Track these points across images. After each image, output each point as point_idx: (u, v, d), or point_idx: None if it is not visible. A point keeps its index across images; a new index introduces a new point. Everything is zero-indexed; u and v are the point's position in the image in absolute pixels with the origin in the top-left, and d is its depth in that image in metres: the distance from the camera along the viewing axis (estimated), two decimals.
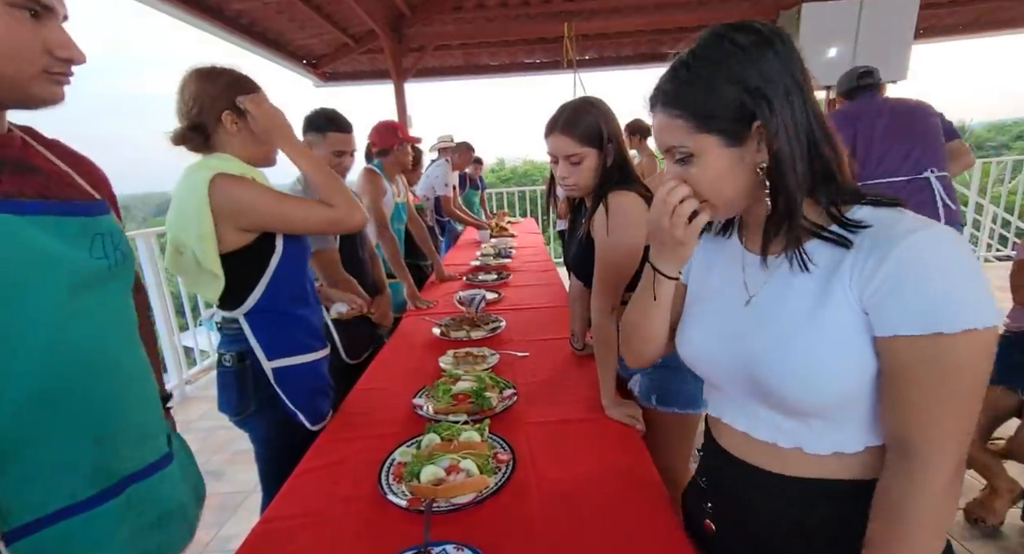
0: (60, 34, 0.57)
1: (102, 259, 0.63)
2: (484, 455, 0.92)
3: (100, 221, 0.65)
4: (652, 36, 5.09)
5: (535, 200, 6.83)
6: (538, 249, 3.37)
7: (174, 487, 0.74)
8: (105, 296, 0.64)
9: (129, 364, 0.67)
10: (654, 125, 0.63)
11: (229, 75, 1.08)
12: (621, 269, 1.12)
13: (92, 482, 0.61)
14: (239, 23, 3.83)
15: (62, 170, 0.66)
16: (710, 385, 0.72)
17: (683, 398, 1.18)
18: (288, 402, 1.16)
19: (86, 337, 0.60)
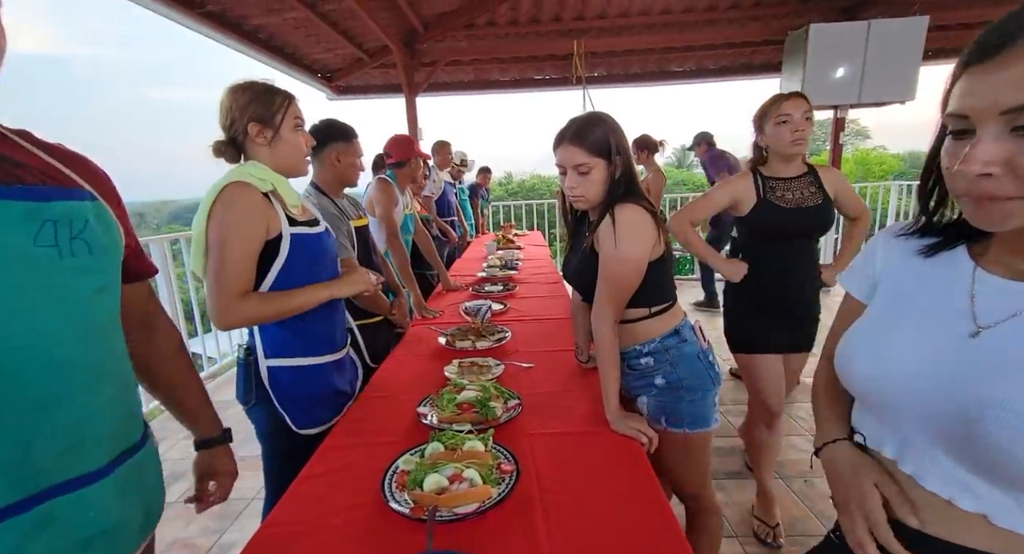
0: None
1: (50, 247, 0.58)
2: (488, 465, 0.92)
3: (54, 206, 0.59)
4: (660, 54, 5.16)
5: (542, 213, 6.88)
6: (544, 261, 3.39)
7: (106, 508, 0.64)
8: (51, 286, 0.58)
9: (82, 362, 0.61)
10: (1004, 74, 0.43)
11: (255, 88, 1.13)
12: (627, 281, 1.12)
13: (6, 488, 0.55)
14: (257, 38, 3.94)
15: (36, 159, 0.62)
16: (874, 414, 0.60)
17: (692, 417, 1.17)
18: (276, 402, 1.19)
19: (17, 331, 0.55)
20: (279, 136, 1.14)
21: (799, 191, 1.58)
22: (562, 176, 1.19)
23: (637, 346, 1.21)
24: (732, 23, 4.51)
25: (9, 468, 0.55)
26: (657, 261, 1.16)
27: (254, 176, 1.10)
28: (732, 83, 5.74)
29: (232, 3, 3.37)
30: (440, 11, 4.31)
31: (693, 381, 1.18)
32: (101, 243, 0.64)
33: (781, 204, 1.57)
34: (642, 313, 1.18)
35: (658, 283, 1.18)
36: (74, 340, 0.60)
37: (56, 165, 0.64)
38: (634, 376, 1.23)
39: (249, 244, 1.07)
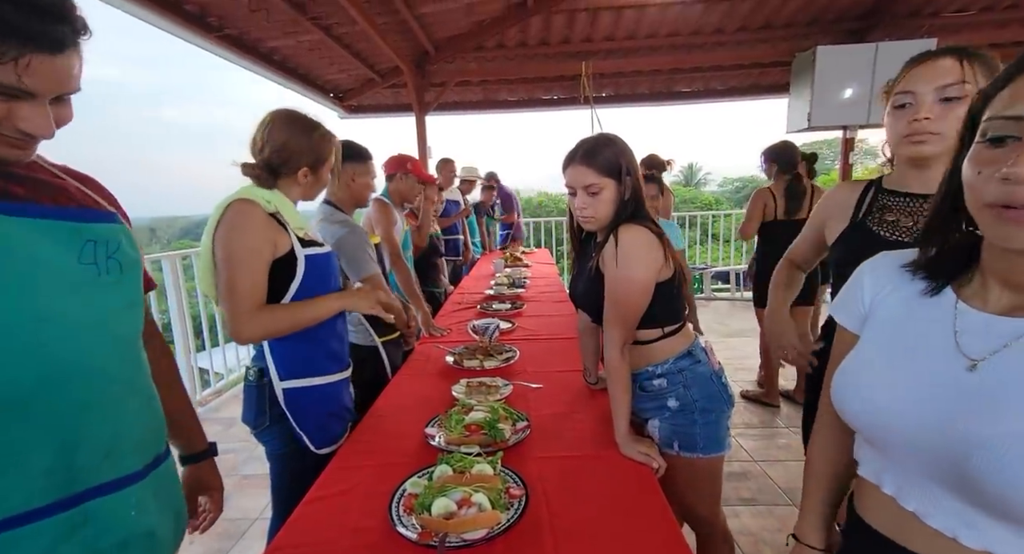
0: (29, 111, 0.54)
1: (90, 265, 0.62)
2: (497, 489, 0.90)
3: (94, 228, 0.64)
4: (668, 75, 5.23)
5: (549, 231, 6.90)
6: (552, 280, 3.38)
7: (144, 510, 0.68)
8: (92, 302, 0.62)
9: (116, 372, 0.65)
10: None
11: (314, 133, 1.18)
12: (632, 303, 1.11)
13: (48, 490, 0.58)
14: (272, 59, 4.05)
15: (62, 180, 0.66)
16: (872, 445, 0.59)
17: (706, 441, 1.15)
18: (294, 424, 1.17)
19: (60, 341, 0.58)
20: (319, 176, 1.22)
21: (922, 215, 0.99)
22: (571, 196, 1.20)
23: (650, 367, 1.19)
24: (740, 45, 4.58)
25: (54, 470, 0.59)
26: (666, 282, 1.15)
27: (260, 196, 1.12)
28: (740, 103, 5.80)
29: (249, 26, 3.47)
30: (451, 34, 4.41)
31: (707, 403, 1.16)
32: (130, 262, 0.69)
33: (881, 232, 1.01)
34: (655, 334, 1.17)
35: (669, 303, 1.17)
36: (109, 352, 0.65)
37: (84, 190, 0.68)
38: (646, 398, 1.21)
39: (257, 258, 1.08)
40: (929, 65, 0.90)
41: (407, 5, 3.55)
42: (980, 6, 4.10)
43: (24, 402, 0.56)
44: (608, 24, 4.35)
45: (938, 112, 0.89)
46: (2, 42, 0.49)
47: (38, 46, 0.51)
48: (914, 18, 4.16)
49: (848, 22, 4.34)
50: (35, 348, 0.57)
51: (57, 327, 0.59)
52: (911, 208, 0.99)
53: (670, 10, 4.15)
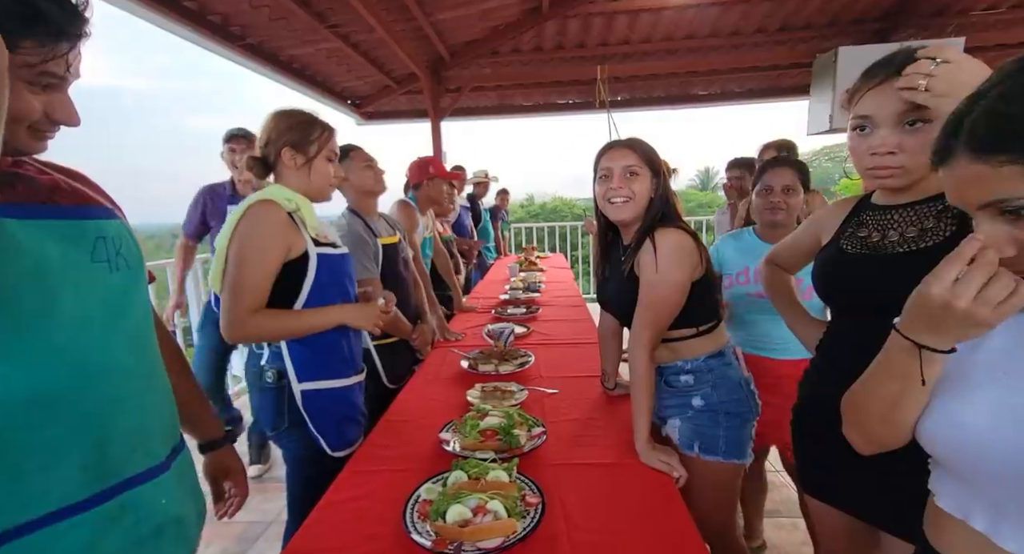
0: (62, 101, 0.59)
1: (103, 262, 0.63)
2: (512, 496, 0.89)
3: (102, 225, 0.65)
4: (684, 78, 5.19)
5: (564, 236, 6.87)
6: (567, 284, 3.36)
7: (172, 497, 0.71)
8: (108, 299, 0.63)
9: (133, 367, 0.67)
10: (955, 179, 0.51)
11: (297, 116, 1.21)
12: (669, 306, 1.10)
13: (85, 485, 0.59)
14: (292, 67, 4.13)
15: (62, 180, 0.66)
16: (957, 477, 0.55)
17: (728, 445, 1.11)
18: (311, 426, 1.18)
19: (83, 339, 0.60)
20: (311, 163, 1.20)
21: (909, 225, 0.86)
22: (603, 181, 1.18)
23: (679, 362, 1.17)
24: (758, 47, 4.52)
25: (90, 466, 0.60)
26: (701, 280, 1.14)
27: (279, 196, 1.15)
28: (759, 105, 5.71)
29: (269, 36, 3.54)
30: (466, 39, 4.44)
31: (733, 407, 1.13)
32: (136, 258, 0.70)
33: (847, 247, 0.93)
34: (688, 333, 1.16)
35: (704, 302, 1.16)
36: (128, 348, 0.66)
37: (76, 185, 0.68)
38: (670, 394, 1.19)
39: (267, 261, 1.09)
40: (888, 87, 0.77)
41: (424, 12, 3.58)
42: (1011, 3, 3.97)
43: (55, 401, 0.57)
44: (623, 27, 4.34)
45: (900, 141, 0.78)
46: (48, 37, 0.55)
47: (72, 39, 0.57)
48: (940, 16, 4.05)
49: (870, 22, 4.25)
50: (60, 348, 0.57)
51: (79, 326, 0.59)
52: (882, 221, 0.89)
53: (686, 13, 4.12)
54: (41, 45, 0.54)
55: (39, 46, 0.54)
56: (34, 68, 0.55)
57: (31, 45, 0.54)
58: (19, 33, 0.52)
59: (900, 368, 0.56)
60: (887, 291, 0.74)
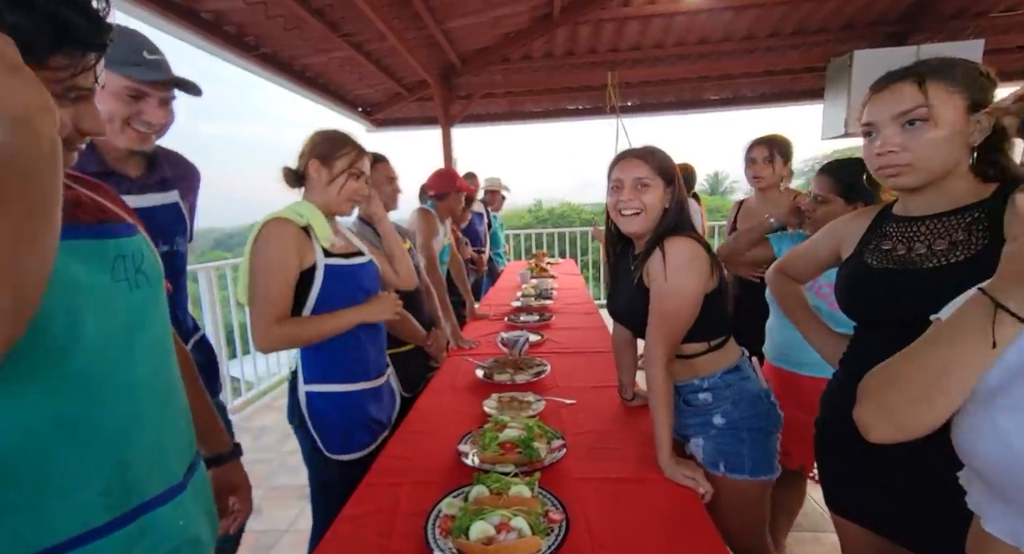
0: (89, 112, 0.59)
1: (123, 281, 0.63)
2: (536, 513, 0.87)
3: (122, 243, 0.65)
4: (696, 83, 5.17)
5: (574, 241, 6.85)
6: (579, 291, 3.33)
7: (189, 518, 0.70)
8: (128, 317, 0.63)
9: (153, 386, 0.66)
10: None
11: (333, 134, 1.29)
12: (680, 317, 1.07)
13: (105, 509, 0.59)
14: (304, 76, 4.17)
15: (85, 194, 0.66)
16: (1005, 499, 0.52)
17: (754, 462, 1.08)
18: (311, 426, 1.24)
19: (105, 360, 0.59)
20: (335, 178, 1.25)
21: (937, 238, 0.84)
22: (614, 192, 1.16)
23: (695, 380, 1.14)
24: (771, 51, 4.49)
25: (112, 490, 0.59)
26: (713, 293, 1.11)
27: (293, 211, 1.20)
28: (773, 110, 5.67)
29: (283, 45, 3.58)
30: (477, 47, 4.46)
31: (756, 422, 1.10)
32: (155, 273, 0.69)
33: (872, 261, 0.91)
34: (701, 347, 1.12)
35: (715, 316, 1.12)
36: (146, 366, 0.65)
37: (98, 199, 0.67)
38: (690, 413, 1.16)
39: (283, 274, 1.16)
40: (886, 93, 0.83)
41: (435, 20, 3.60)
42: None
43: (77, 425, 0.56)
44: (635, 33, 4.33)
45: (903, 140, 0.81)
46: (88, 52, 0.55)
47: (98, 51, 0.56)
48: (958, 19, 4.00)
49: (886, 25, 4.20)
50: (84, 371, 0.57)
51: (101, 348, 0.58)
52: (908, 233, 0.88)
53: (698, 18, 4.10)
54: (70, 59, 0.54)
55: (68, 60, 0.54)
56: (63, 82, 0.54)
57: (60, 60, 0.53)
58: (48, 49, 0.52)
59: (968, 330, 0.52)
60: (917, 307, 0.76)
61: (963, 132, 0.79)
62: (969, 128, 0.78)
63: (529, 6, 3.85)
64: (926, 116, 0.79)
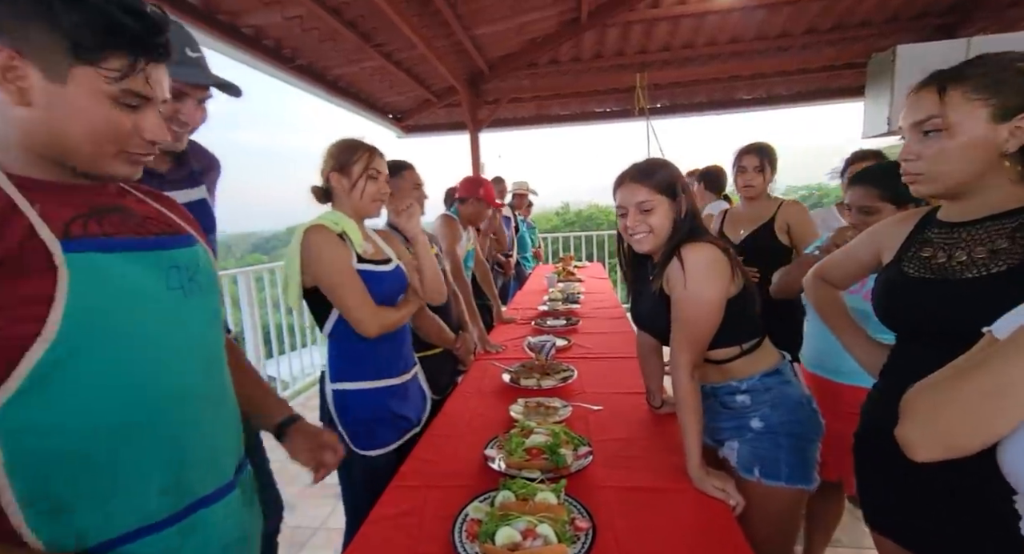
0: (153, 120, 0.61)
1: (177, 289, 0.66)
2: (562, 520, 0.86)
3: (176, 254, 0.68)
4: (727, 83, 5.05)
5: (601, 244, 6.79)
6: (606, 294, 3.30)
7: (239, 516, 0.73)
8: (183, 325, 0.66)
9: (206, 389, 0.69)
10: None
11: (342, 143, 1.31)
12: (703, 324, 1.05)
13: (162, 507, 0.62)
14: (337, 85, 4.31)
15: (146, 205, 0.70)
16: None
17: (792, 469, 1.04)
18: (338, 423, 1.28)
19: (163, 366, 0.62)
20: (355, 184, 1.29)
21: (978, 245, 0.80)
22: (621, 219, 1.16)
23: (733, 382, 1.11)
24: (807, 48, 4.34)
25: (169, 489, 0.63)
26: (736, 298, 1.08)
27: (327, 219, 1.25)
28: (809, 108, 5.48)
29: (318, 57, 3.71)
30: (504, 53, 4.50)
31: (796, 427, 1.07)
32: (209, 281, 0.73)
33: (909, 270, 0.88)
34: (733, 352, 1.10)
35: (743, 319, 1.10)
36: (199, 371, 0.68)
37: (167, 214, 0.73)
38: (725, 416, 1.13)
39: (349, 274, 1.23)
40: (910, 99, 0.83)
41: (463, 27, 3.66)
42: None
43: (139, 426, 0.60)
44: (664, 34, 4.27)
45: (920, 149, 0.81)
46: (138, 55, 0.57)
47: (152, 55, 0.59)
48: (1015, 7, 3.75)
49: (933, 17, 3.99)
50: (145, 375, 0.60)
51: (161, 353, 0.62)
52: (949, 240, 0.84)
53: (730, 17, 4.01)
54: (123, 60, 0.56)
55: (120, 61, 0.56)
56: (117, 84, 0.56)
57: (113, 61, 0.56)
58: (100, 45, 0.55)
59: None
60: (955, 318, 0.74)
61: (987, 140, 0.75)
62: (998, 135, 0.74)
63: (556, 11, 3.86)
64: (940, 126, 0.77)
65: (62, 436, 0.55)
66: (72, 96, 0.55)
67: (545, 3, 3.69)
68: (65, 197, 0.59)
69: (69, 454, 0.55)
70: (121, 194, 0.68)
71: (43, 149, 0.57)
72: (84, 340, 0.55)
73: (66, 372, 0.54)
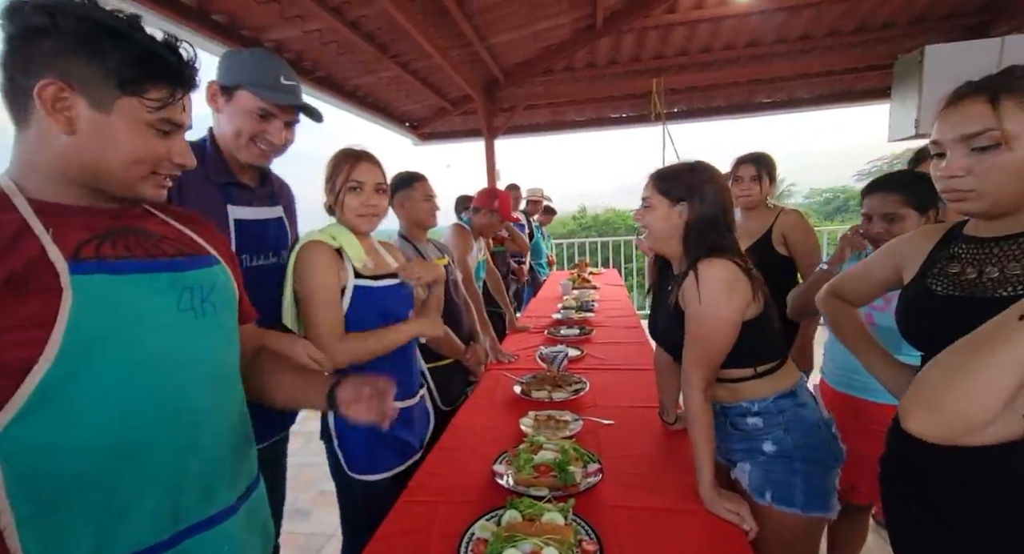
0: (181, 145, 0.66)
1: (188, 311, 0.67)
2: (568, 543, 0.85)
3: (189, 276, 0.68)
4: (747, 86, 4.96)
5: (618, 249, 6.73)
6: (622, 302, 3.27)
7: (238, 541, 0.71)
8: (191, 346, 0.66)
9: (212, 412, 0.69)
10: None
11: (333, 156, 1.29)
12: (716, 344, 1.03)
13: (155, 531, 0.61)
14: (355, 95, 4.38)
15: (166, 226, 0.72)
16: None
17: (807, 496, 1.01)
18: (336, 444, 1.26)
19: (166, 387, 0.63)
20: (340, 198, 1.27)
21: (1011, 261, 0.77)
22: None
23: (744, 403, 1.08)
24: (830, 51, 4.24)
25: (162, 513, 0.63)
26: (755, 320, 1.05)
27: (327, 234, 1.23)
28: (832, 111, 5.34)
29: (337, 68, 3.78)
30: (519, 60, 4.51)
31: (812, 452, 1.03)
32: (224, 301, 0.74)
33: (935, 287, 0.84)
34: (746, 373, 1.07)
35: (760, 342, 1.07)
36: (206, 393, 0.69)
37: (188, 234, 0.74)
38: (737, 438, 1.10)
39: (330, 295, 1.19)
40: (954, 110, 0.75)
41: (478, 37, 3.68)
42: None
43: (136, 448, 0.60)
44: (681, 39, 4.23)
45: (969, 164, 0.73)
46: (176, 87, 0.62)
47: (187, 86, 0.64)
48: None
49: (962, 17, 3.86)
50: (146, 396, 0.61)
51: (164, 374, 0.63)
52: (979, 256, 0.80)
53: (749, 20, 3.94)
54: (163, 91, 0.61)
55: (161, 92, 0.61)
56: (157, 113, 0.61)
57: (155, 92, 0.61)
58: (144, 78, 0.60)
59: None
60: None
61: None
62: None
63: (571, 18, 3.85)
64: (999, 140, 0.70)
65: (61, 457, 0.56)
66: (116, 124, 0.60)
67: (560, 11, 3.69)
68: (84, 220, 0.62)
69: (68, 476, 0.56)
70: (143, 216, 0.70)
71: (78, 173, 0.61)
72: (84, 362, 0.56)
73: (66, 393, 0.55)
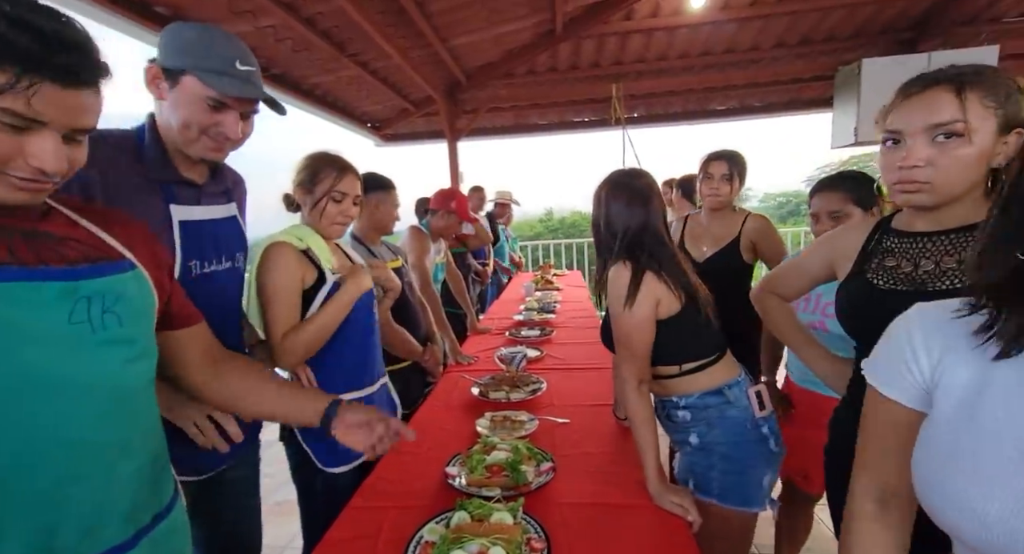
0: (43, 146, 0.52)
1: (82, 323, 0.58)
2: (516, 542, 0.85)
3: (89, 284, 0.59)
4: (702, 94, 5.15)
5: (582, 251, 6.83)
6: (584, 304, 3.31)
7: None
8: (82, 363, 0.57)
9: (105, 438, 0.60)
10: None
11: (313, 158, 1.29)
12: (632, 340, 1.08)
13: None
14: (314, 94, 4.27)
15: (82, 231, 0.63)
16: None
17: (723, 490, 1.06)
18: (301, 439, 1.24)
19: (41, 410, 0.54)
20: (317, 203, 1.25)
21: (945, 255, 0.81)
22: None
23: (674, 397, 1.14)
24: (777, 61, 4.45)
25: (37, 551, 0.54)
26: (673, 318, 1.10)
27: (293, 235, 1.21)
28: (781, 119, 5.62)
29: (293, 66, 3.67)
30: (481, 63, 4.52)
31: (731, 449, 1.08)
32: (133, 312, 0.65)
33: (877, 281, 0.87)
34: (672, 370, 1.12)
35: (680, 341, 1.11)
36: (98, 417, 0.59)
37: (100, 236, 0.65)
38: (672, 427, 1.17)
39: (288, 294, 1.19)
40: (920, 99, 0.75)
41: (439, 38, 3.66)
42: None
43: (4, 480, 0.52)
44: (639, 46, 4.34)
45: (931, 155, 0.74)
46: (9, 66, 0.48)
47: (47, 74, 0.50)
48: (971, 24, 3.92)
49: (896, 32, 4.14)
50: (12, 420, 0.52)
51: (38, 395, 0.54)
52: (914, 250, 0.83)
53: (701, 30, 4.10)
54: (5, 75, 0.48)
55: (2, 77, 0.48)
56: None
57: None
58: None
59: None
60: None
61: (990, 151, 0.72)
62: (996, 147, 0.72)
63: (532, 22, 3.89)
64: (961, 131, 0.71)
65: None
66: None
67: (520, 15, 3.72)
68: None
69: None
70: (44, 216, 0.61)
71: None
72: None
73: None
